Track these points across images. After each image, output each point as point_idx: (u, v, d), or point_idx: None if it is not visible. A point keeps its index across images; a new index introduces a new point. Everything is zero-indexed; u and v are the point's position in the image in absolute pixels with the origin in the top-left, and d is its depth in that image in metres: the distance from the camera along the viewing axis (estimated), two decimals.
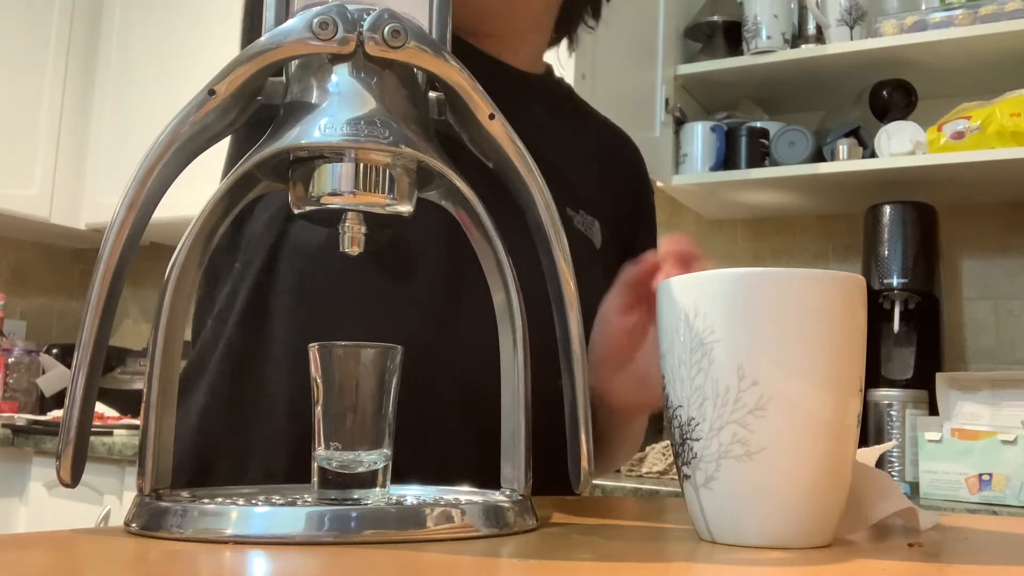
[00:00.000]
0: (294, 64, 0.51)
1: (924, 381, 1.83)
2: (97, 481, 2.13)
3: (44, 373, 2.72)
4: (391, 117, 0.49)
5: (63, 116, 2.82)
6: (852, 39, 1.98)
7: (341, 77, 0.49)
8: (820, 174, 1.93)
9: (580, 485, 0.53)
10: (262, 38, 0.49)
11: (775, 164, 1.99)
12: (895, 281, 1.88)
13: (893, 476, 1.71)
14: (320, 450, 0.50)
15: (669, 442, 0.49)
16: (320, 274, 0.72)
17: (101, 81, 2.88)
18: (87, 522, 2.03)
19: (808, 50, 2.01)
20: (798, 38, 2.10)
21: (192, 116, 0.49)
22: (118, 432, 2.14)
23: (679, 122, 2.11)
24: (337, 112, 0.49)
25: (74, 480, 0.47)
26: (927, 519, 0.54)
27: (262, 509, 0.45)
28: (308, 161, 0.50)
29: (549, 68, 0.90)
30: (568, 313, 0.52)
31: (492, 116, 0.52)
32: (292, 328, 0.73)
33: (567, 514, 0.59)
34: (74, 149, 2.84)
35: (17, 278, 3.11)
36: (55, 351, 2.79)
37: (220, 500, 0.50)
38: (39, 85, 2.78)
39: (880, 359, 1.91)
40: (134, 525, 0.46)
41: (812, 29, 2.08)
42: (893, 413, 1.80)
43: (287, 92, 0.51)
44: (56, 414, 2.43)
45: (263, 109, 0.52)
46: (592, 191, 0.84)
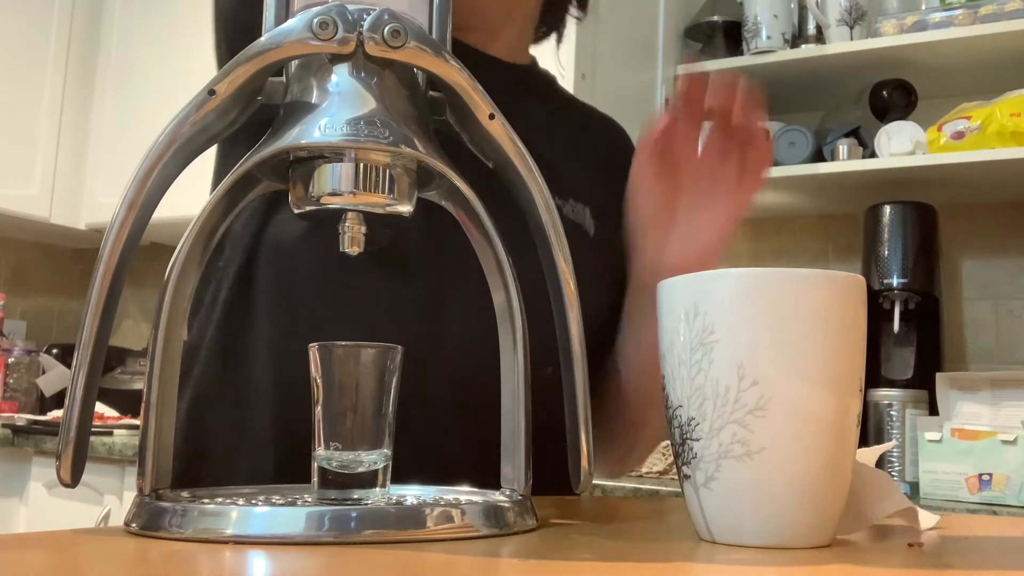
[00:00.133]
0: (294, 64, 0.52)
1: (924, 381, 1.83)
2: (97, 481, 2.13)
3: (44, 373, 2.72)
4: (391, 117, 0.49)
5: (63, 116, 2.82)
6: (852, 39, 1.98)
7: (341, 77, 0.49)
8: (820, 174, 1.93)
9: (580, 485, 0.53)
10: (262, 38, 0.49)
11: (775, 164, 1.99)
12: (895, 281, 1.88)
13: (893, 476, 1.71)
14: (320, 450, 0.50)
15: (669, 442, 0.49)
16: (300, 271, 0.71)
17: (101, 81, 2.88)
18: (87, 522, 2.03)
19: (808, 50, 2.01)
20: (798, 38, 2.10)
21: (192, 116, 0.49)
22: (118, 432, 2.14)
23: None
24: (337, 112, 0.49)
25: (74, 480, 0.47)
26: (927, 519, 0.54)
27: (262, 509, 0.45)
28: (308, 161, 0.50)
29: (534, 60, 0.90)
30: (568, 313, 0.52)
31: (492, 116, 0.52)
32: (275, 327, 0.72)
33: (567, 514, 0.59)
34: (74, 149, 2.84)
35: (17, 278, 3.11)
36: (55, 351, 2.79)
37: (220, 500, 0.50)
38: (39, 85, 2.78)
39: (880, 359, 1.91)
40: (134, 525, 0.46)
41: (812, 29, 2.08)
42: (893, 413, 1.80)
43: (287, 92, 0.51)
44: (56, 414, 2.43)
45: (263, 109, 0.52)
46: (582, 180, 0.83)
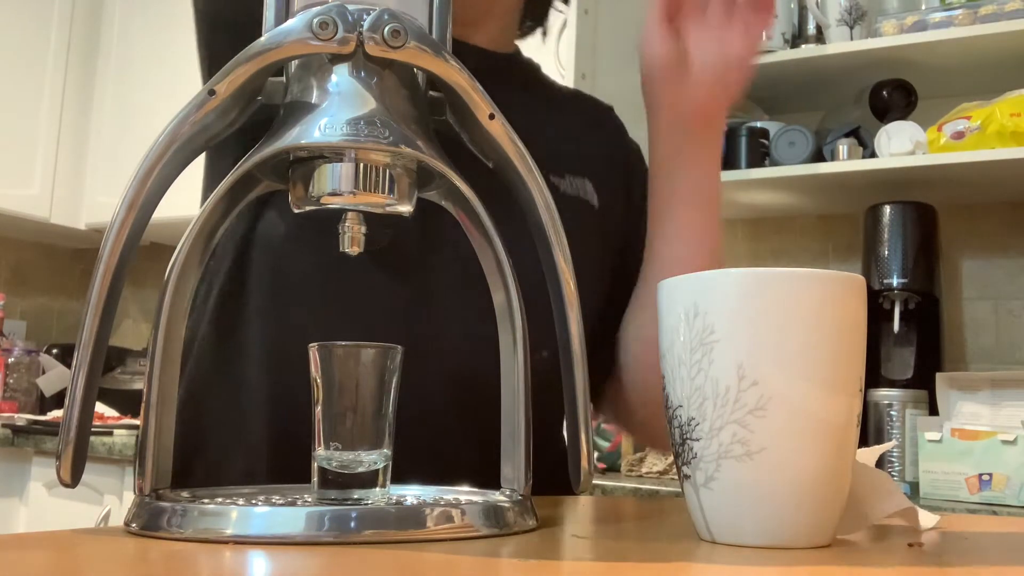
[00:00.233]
0: (294, 64, 0.52)
1: (924, 381, 1.83)
2: (97, 481, 2.13)
3: (44, 373, 2.72)
4: (391, 117, 0.49)
5: (63, 116, 2.82)
6: (852, 39, 1.98)
7: (341, 77, 0.49)
8: (820, 174, 1.93)
9: (580, 485, 0.53)
10: (262, 38, 0.49)
11: (775, 164, 1.99)
12: (895, 281, 1.88)
13: (893, 476, 1.71)
14: (320, 450, 0.50)
15: (669, 442, 0.49)
16: (292, 268, 0.71)
17: (101, 81, 2.88)
18: (87, 522, 2.03)
19: (808, 50, 2.00)
20: (798, 38, 2.10)
21: (192, 116, 0.49)
22: (118, 432, 2.14)
23: None
24: (337, 112, 0.49)
25: (74, 480, 0.47)
26: (927, 519, 0.54)
27: (262, 509, 0.45)
28: (308, 161, 0.50)
29: (518, 49, 0.90)
30: (568, 313, 0.52)
31: (492, 116, 0.52)
32: (268, 324, 0.72)
33: (567, 514, 0.59)
34: (74, 149, 2.84)
35: (17, 278, 3.11)
36: (55, 351, 2.79)
37: (220, 500, 0.50)
38: (39, 85, 2.78)
39: (880, 359, 1.91)
40: (134, 525, 0.46)
41: (812, 29, 2.08)
42: (893, 413, 1.80)
43: (287, 92, 0.51)
44: (56, 414, 2.43)
45: (263, 109, 0.52)
46: (575, 155, 0.83)
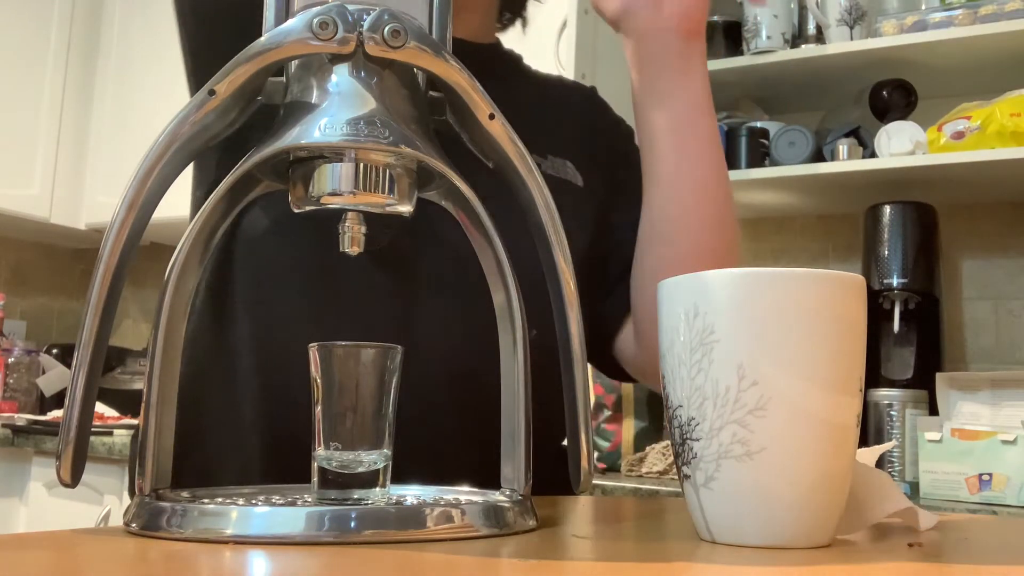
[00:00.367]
0: (294, 64, 0.52)
1: (924, 381, 1.83)
2: (97, 481, 2.13)
3: (44, 373, 2.72)
4: (391, 117, 0.49)
5: (63, 116, 2.82)
6: (852, 39, 1.98)
7: (341, 77, 0.49)
8: (820, 174, 1.93)
9: (580, 485, 0.53)
10: (262, 38, 0.49)
11: (775, 164, 1.99)
12: (895, 281, 1.87)
13: (893, 476, 1.71)
14: (320, 450, 0.50)
15: (669, 442, 0.49)
16: (277, 264, 0.71)
17: (101, 81, 2.88)
18: (87, 522, 2.03)
19: (808, 50, 2.00)
20: (798, 38, 2.10)
21: (192, 116, 0.49)
22: (118, 432, 2.14)
23: None
24: (337, 112, 0.49)
25: (74, 480, 0.47)
26: (927, 519, 0.54)
27: (262, 509, 0.45)
28: (308, 161, 0.50)
29: (498, 41, 0.90)
30: (568, 313, 0.52)
31: (492, 116, 0.52)
32: (255, 321, 0.72)
33: (567, 514, 0.59)
34: (74, 149, 2.84)
35: (17, 278, 3.11)
36: (55, 351, 2.79)
37: (220, 500, 0.50)
38: (39, 85, 2.78)
39: (880, 359, 1.91)
40: (134, 525, 0.46)
41: (812, 29, 2.08)
42: (893, 413, 1.80)
43: (287, 92, 0.51)
44: (56, 414, 2.43)
45: (263, 109, 0.52)
46: (557, 136, 0.83)
